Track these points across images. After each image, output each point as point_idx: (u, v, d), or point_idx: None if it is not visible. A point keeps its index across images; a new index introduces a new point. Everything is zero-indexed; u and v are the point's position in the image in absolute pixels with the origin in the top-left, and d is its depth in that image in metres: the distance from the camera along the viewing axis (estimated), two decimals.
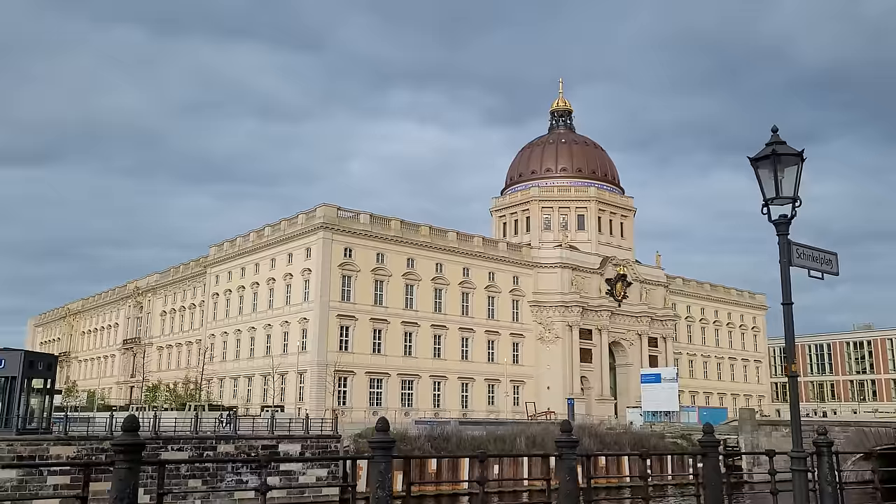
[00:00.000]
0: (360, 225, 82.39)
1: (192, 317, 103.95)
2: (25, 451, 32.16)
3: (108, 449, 33.83)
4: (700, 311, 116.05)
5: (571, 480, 11.36)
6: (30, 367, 33.60)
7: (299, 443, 39.16)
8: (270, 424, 40.18)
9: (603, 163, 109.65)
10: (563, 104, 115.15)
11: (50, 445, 32.84)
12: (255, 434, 39.47)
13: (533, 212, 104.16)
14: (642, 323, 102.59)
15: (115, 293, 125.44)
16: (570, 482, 11.37)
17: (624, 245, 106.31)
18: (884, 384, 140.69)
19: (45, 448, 32.53)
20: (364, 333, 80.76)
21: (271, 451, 37.60)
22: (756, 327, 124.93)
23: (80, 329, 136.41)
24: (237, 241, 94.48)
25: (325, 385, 76.49)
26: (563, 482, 11.38)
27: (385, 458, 9.40)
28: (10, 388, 32.96)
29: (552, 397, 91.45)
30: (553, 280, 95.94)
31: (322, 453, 39.01)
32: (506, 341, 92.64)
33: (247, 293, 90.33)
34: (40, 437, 33.37)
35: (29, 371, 33.44)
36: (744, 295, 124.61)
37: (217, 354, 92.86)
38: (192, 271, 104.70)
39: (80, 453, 33.42)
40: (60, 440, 33.59)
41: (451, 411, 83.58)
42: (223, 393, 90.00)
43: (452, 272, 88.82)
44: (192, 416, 39.67)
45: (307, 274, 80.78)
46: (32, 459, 32.06)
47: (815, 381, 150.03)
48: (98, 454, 33.76)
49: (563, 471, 11.45)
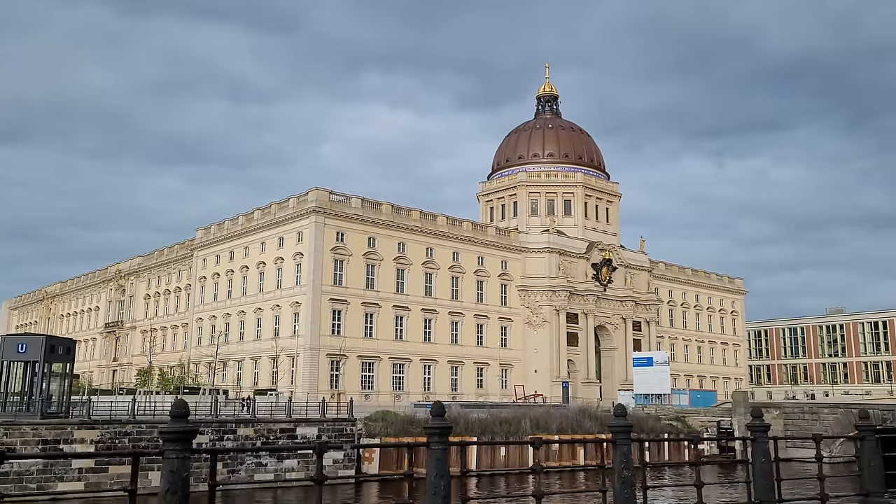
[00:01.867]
0: (351, 209, 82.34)
1: (177, 300, 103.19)
2: (50, 436, 32.10)
3: (130, 433, 33.90)
4: (682, 295, 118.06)
5: (627, 466, 10.95)
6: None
7: (316, 426, 39.44)
8: (288, 408, 40.45)
9: (589, 148, 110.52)
10: (550, 89, 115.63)
11: (74, 429, 32.78)
12: (273, 418, 39.71)
13: (520, 197, 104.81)
14: (627, 307, 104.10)
15: (96, 276, 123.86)
16: (626, 468, 10.97)
17: (609, 230, 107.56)
18: (855, 367, 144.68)
19: (70, 432, 32.48)
20: (356, 317, 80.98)
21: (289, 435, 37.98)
22: (735, 311, 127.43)
23: (58, 312, 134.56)
24: (225, 224, 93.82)
25: (317, 368, 76.73)
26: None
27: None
28: (32, 373, 32.83)
29: (539, 380, 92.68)
30: (541, 264, 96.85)
31: (338, 436, 39.44)
32: (494, 325, 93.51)
33: (236, 277, 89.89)
34: (64, 421, 33.30)
35: (49, 355, 33.29)
36: (723, 280, 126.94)
37: (205, 338, 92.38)
38: (178, 254, 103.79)
39: (103, 437, 33.42)
40: (84, 424, 33.52)
41: (442, 395, 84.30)
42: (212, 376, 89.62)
43: (442, 256, 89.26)
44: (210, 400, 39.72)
45: (299, 258, 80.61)
46: (57, 443, 32.01)
47: (788, 364, 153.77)
48: (121, 437, 33.77)
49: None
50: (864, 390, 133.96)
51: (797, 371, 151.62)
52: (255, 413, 38.43)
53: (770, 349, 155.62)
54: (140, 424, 34.65)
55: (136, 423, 34.63)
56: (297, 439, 37.91)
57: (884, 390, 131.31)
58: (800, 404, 59.15)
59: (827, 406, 56.17)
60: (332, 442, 34.93)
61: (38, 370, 32.54)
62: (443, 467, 9.11)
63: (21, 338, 36.81)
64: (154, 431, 34.41)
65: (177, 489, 7.11)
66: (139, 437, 34.05)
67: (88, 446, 32.63)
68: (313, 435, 38.59)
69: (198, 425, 7.60)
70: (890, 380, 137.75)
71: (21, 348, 33.25)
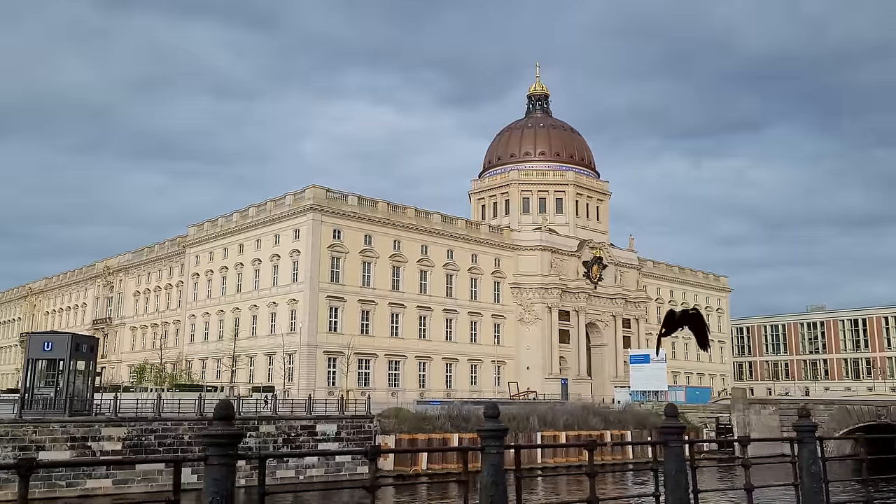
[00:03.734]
0: (348, 207, 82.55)
1: (168, 297, 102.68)
2: (78, 433, 32.15)
3: (156, 430, 34.07)
4: (669, 292, 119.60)
5: (681, 472, 9.95)
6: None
7: (335, 423, 39.81)
8: (308, 405, 40.76)
9: (580, 147, 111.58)
10: (541, 88, 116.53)
11: (101, 427, 32.85)
12: (293, 415, 40.02)
13: (512, 195, 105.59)
14: (617, 305, 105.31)
15: (83, 272, 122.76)
16: (679, 473, 9.94)
17: (600, 228, 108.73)
18: (835, 363, 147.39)
19: (97, 430, 32.53)
20: (352, 315, 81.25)
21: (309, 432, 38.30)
22: (720, 308, 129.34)
23: (43, 309, 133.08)
24: (219, 221, 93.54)
25: (315, 366, 76.94)
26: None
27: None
28: (59, 371, 32.86)
29: (532, 377, 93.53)
30: (533, 262, 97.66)
31: (357, 433, 39.85)
32: (488, 322, 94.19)
33: (230, 274, 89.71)
34: (91, 419, 33.37)
35: (75, 353, 33.33)
36: (709, 277, 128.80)
37: (198, 335, 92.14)
38: (169, 251, 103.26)
39: (130, 434, 33.53)
40: (112, 421, 33.59)
41: (436, 392, 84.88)
42: (205, 373, 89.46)
43: (437, 254, 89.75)
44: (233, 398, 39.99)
45: (296, 255, 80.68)
46: (85, 441, 32.07)
47: (769, 361, 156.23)
48: (147, 435, 33.90)
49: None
50: (845, 386, 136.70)
51: (779, 368, 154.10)
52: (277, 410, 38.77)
53: (752, 346, 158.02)
54: (165, 422, 34.84)
55: (162, 420, 34.82)
56: (317, 436, 38.27)
57: (864, 386, 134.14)
58: (794, 400, 60.63)
59: (822, 402, 57.65)
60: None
61: (65, 368, 32.62)
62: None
63: (47, 335, 36.80)
64: (179, 429, 34.62)
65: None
66: (164, 435, 34.26)
67: (115, 443, 32.74)
68: (333, 432, 38.98)
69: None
70: (869, 376, 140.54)
71: (47, 346, 33.27)
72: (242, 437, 6.61)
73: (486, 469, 8.47)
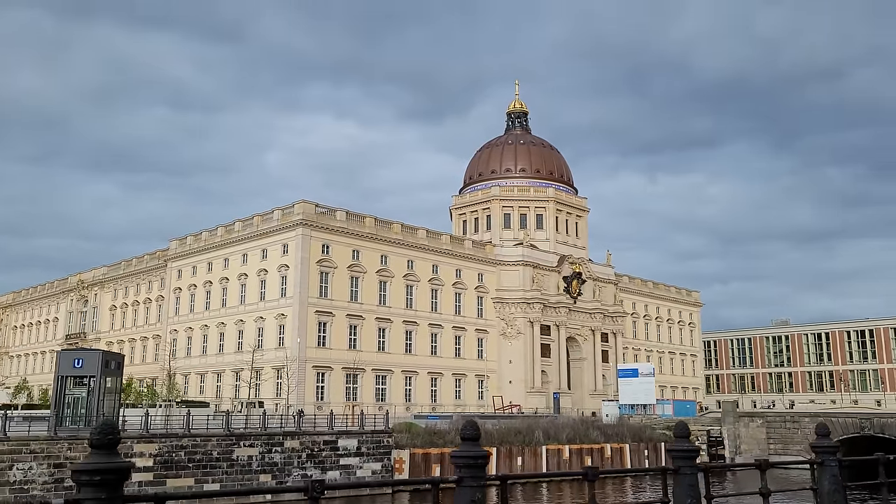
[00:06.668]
0: (336, 221, 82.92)
1: (147, 311, 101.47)
2: None
3: (186, 446, 34.08)
4: (644, 307, 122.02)
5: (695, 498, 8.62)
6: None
7: (356, 438, 40.18)
8: (330, 420, 41.03)
9: (559, 164, 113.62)
10: (520, 106, 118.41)
11: (134, 443, 32.72)
12: (315, 430, 40.23)
13: (494, 211, 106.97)
14: (595, 319, 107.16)
15: (55, 286, 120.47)
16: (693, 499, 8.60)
17: (578, 244, 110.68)
18: (799, 376, 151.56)
19: (130, 446, 32.40)
20: (341, 329, 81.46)
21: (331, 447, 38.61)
22: (692, 323, 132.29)
23: (11, 323, 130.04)
24: (202, 235, 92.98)
25: (304, 380, 76.86)
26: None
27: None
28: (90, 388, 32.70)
29: (514, 391, 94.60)
30: (515, 277, 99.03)
31: (376, 448, 40.28)
32: (471, 337, 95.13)
33: (214, 288, 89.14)
34: (124, 436, 33.23)
35: (104, 370, 33.25)
36: (681, 292, 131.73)
37: (181, 350, 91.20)
38: (148, 265, 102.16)
39: (161, 450, 33.47)
40: (143, 438, 33.49)
41: (422, 405, 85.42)
42: (188, 388, 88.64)
43: (422, 269, 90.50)
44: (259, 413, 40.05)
45: (284, 270, 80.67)
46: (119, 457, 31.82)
47: (736, 374, 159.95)
48: (177, 451, 33.86)
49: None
50: (809, 399, 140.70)
51: (745, 380, 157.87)
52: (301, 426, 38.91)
53: (719, 359, 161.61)
54: (195, 438, 34.84)
55: (192, 436, 34.81)
56: (338, 450, 38.62)
57: (827, 398, 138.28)
58: (780, 413, 62.67)
59: (808, 415, 59.72)
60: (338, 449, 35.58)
61: (96, 385, 32.53)
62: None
63: (77, 353, 36.57)
64: (208, 444, 34.66)
65: None
66: (194, 451, 34.27)
67: (147, 459, 32.70)
68: (353, 446, 39.33)
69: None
70: (832, 388, 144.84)
71: (77, 363, 33.13)
72: (487, 459, 5.75)
73: (683, 491, 8.26)
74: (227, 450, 34.59)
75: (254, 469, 34.03)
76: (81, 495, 4.77)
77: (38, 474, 29.51)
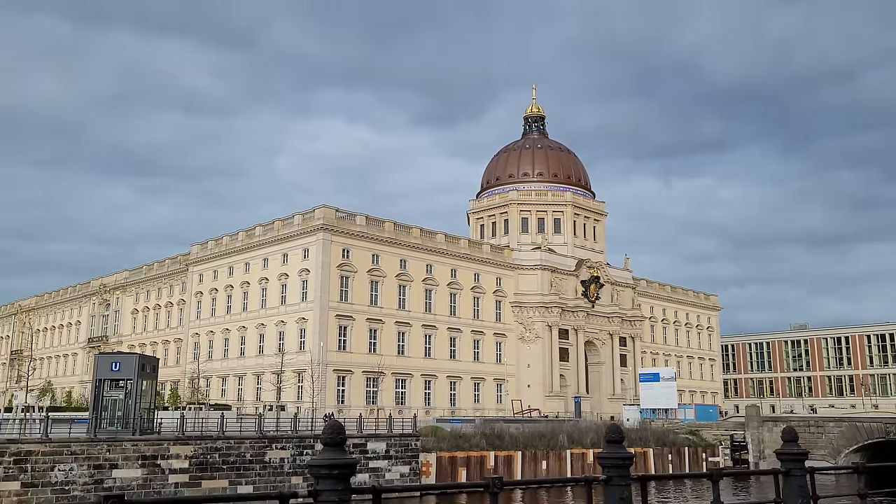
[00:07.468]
0: (356, 226, 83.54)
1: (168, 315, 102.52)
2: (148, 451, 32.68)
3: (220, 448, 34.68)
4: (662, 311, 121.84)
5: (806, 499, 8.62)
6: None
7: (384, 441, 40.68)
8: (358, 424, 41.54)
9: (577, 168, 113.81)
10: (537, 110, 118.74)
11: (170, 445, 33.37)
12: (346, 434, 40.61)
13: (511, 215, 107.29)
14: (613, 323, 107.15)
15: (77, 290, 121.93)
16: None
17: (596, 248, 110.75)
18: (819, 380, 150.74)
19: (166, 448, 33.06)
20: (361, 333, 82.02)
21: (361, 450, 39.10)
22: (710, 327, 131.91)
23: (33, 327, 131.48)
24: (223, 239, 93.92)
25: (325, 384, 77.42)
26: None
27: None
28: (127, 390, 33.39)
29: (532, 395, 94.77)
30: (533, 282, 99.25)
31: (404, 451, 40.73)
32: (490, 341, 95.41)
33: (235, 292, 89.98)
34: (160, 438, 33.90)
35: (141, 373, 33.92)
36: (699, 296, 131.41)
37: (202, 353, 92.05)
38: (169, 269, 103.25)
39: (196, 452, 34.08)
40: (179, 440, 34.13)
41: (442, 409, 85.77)
42: (210, 391, 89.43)
43: (441, 273, 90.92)
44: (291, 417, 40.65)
45: (305, 274, 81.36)
46: (155, 459, 32.61)
47: (755, 378, 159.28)
48: (212, 453, 34.49)
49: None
50: (829, 403, 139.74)
51: (763, 385, 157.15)
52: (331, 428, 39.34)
53: (738, 364, 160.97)
54: (229, 440, 35.45)
55: (225, 438, 35.42)
56: (367, 453, 39.12)
57: (847, 403, 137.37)
58: (804, 418, 62.53)
59: (832, 420, 59.58)
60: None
61: (133, 388, 33.20)
62: None
63: (114, 356, 37.28)
64: (241, 447, 35.26)
65: None
66: (228, 453, 34.87)
67: (183, 461, 33.30)
68: (382, 449, 39.83)
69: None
70: (852, 393, 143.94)
71: (115, 366, 33.83)
72: (632, 460, 6.27)
73: None
74: (259, 452, 35.17)
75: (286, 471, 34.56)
76: (321, 486, 5.50)
77: (78, 475, 30.20)
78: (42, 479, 29.31)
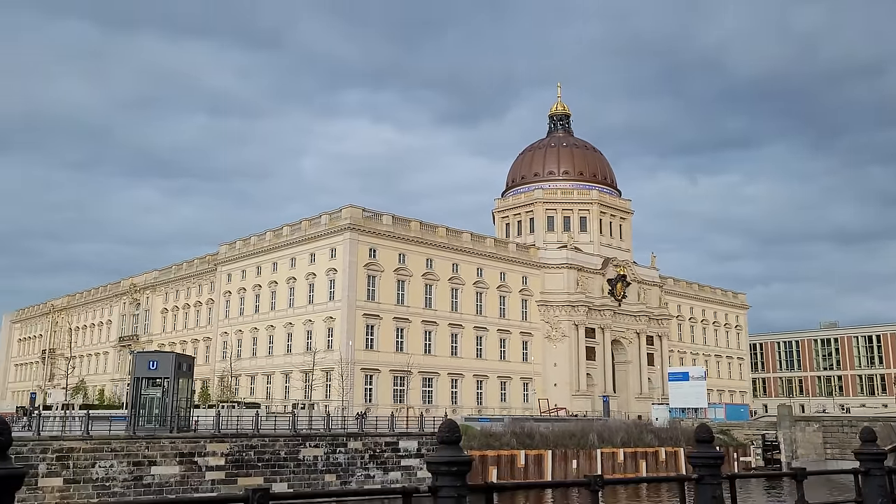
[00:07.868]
0: (383, 226, 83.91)
1: (197, 314, 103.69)
2: (186, 448, 33.25)
3: (256, 445, 35.16)
4: (689, 309, 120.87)
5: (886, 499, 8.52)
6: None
7: (416, 439, 40.94)
8: (390, 423, 41.87)
9: (602, 166, 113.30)
10: (563, 108, 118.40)
11: (207, 442, 33.92)
12: (377, 431, 41.09)
13: (537, 213, 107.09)
14: (640, 322, 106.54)
15: (108, 290, 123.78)
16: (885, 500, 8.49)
17: (623, 246, 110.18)
18: (850, 379, 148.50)
19: (203, 445, 33.61)
20: (388, 332, 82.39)
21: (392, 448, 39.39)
22: (739, 325, 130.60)
23: (65, 326, 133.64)
24: (251, 239, 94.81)
25: (352, 382, 77.86)
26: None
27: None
28: (164, 389, 33.98)
29: (559, 394, 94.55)
30: (559, 280, 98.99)
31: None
32: (516, 340, 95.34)
33: (263, 291, 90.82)
34: (197, 435, 34.47)
35: (178, 372, 34.46)
36: (727, 294, 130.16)
37: (231, 352, 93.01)
38: (198, 269, 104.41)
39: (231, 450, 34.60)
40: (215, 437, 34.68)
41: (469, 408, 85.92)
42: (238, 390, 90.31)
43: (467, 272, 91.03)
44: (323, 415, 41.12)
45: (332, 273, 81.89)
46: (192, 456, 33.16)
47: (783, 377, 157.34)
48: (247, 450, 34.97)
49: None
50: (860, 402, 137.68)
51: (793, 384, 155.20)
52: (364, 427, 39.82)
53: (766, 363, 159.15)
54: (264, 438, 35.93)
55: (261, 436, 35.90)
56: (399, 452, 39.40)
57: (879, 402, 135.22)
58: (837, 418, 61.72)
59: (866, 419, 58.77)
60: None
61: (170, 386, 33.75)
62: None
63: (151, 355, 37.94)
64: (276, 444, 35.72)
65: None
66: (263, 451, 35.35)
67: (219, 459, 33.83)
68: (414, 448, 40.07)
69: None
70: (884, 392, 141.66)
71: (152, 365, 34.42)
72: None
73: None
74: (293, 450, 35.59)
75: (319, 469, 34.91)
76: (440, 483, 5.63)
77: (118, 472, 30.80)
78: (83, 475, 29.93)
